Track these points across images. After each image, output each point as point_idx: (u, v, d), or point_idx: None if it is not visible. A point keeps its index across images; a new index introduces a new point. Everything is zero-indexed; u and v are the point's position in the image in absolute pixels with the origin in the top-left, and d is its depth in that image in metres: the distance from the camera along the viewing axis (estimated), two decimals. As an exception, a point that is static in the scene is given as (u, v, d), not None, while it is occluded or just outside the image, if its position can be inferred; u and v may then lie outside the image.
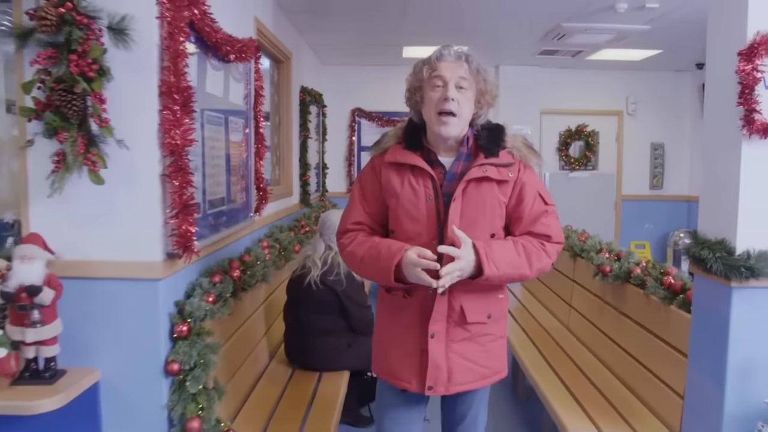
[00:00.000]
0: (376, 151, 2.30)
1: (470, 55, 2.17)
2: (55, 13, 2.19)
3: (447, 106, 2.08)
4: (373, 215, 2.28)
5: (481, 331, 2.20)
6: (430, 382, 2.16)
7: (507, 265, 2.07)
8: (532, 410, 4.28)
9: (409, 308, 2.19)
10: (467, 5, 4.91)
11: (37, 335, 2.28)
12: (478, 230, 2.11)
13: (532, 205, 2.18)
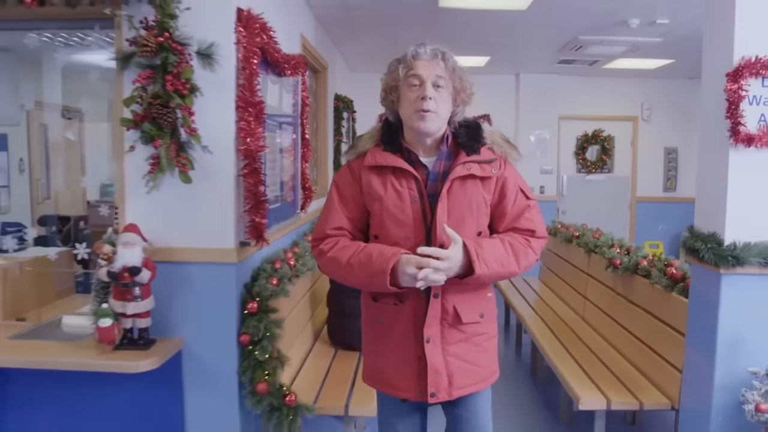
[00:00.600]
0: (352, 155, 2.26)
1: (446, 52, 2.14)
2: (154, 41, 2.66)
3: (425, 105, 2.05)
4: (354, 220, 2.22)
5: (476, 331, 2.19)
6: (432, 389, 2.12)
7: (496, 263, 2.06)
8: (549, 391, 4.69)
9: (400, 315, 2.15)
10: (490, 20, 5.33)
11: (135, 308, 2.74)
12: (465, 229, 2.10)
13: (514, 201, 2.18)
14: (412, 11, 5.08)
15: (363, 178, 2.17)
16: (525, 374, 5.16)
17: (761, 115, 2.74)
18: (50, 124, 6.48)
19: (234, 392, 3.01)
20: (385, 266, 1.98)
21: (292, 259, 3.57)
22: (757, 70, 2.70)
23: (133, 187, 2.92)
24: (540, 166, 8.57)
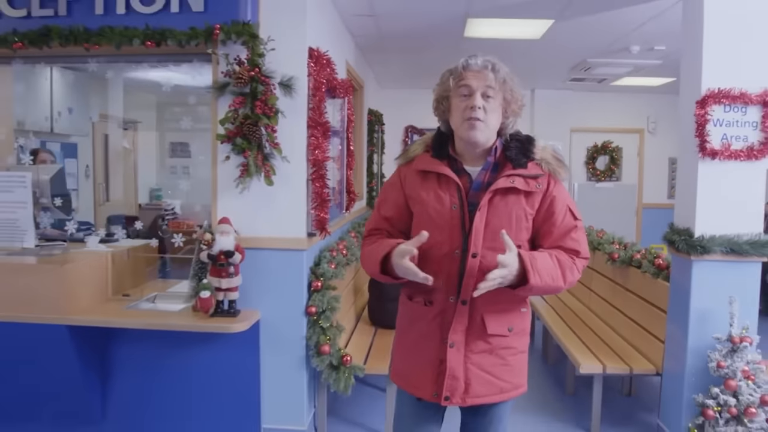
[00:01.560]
0: (403, 160, 2.30)
1: (497, 63, 2.14)
2: (247, 74, 3.43)
3: (474, 114, 2.06)
4: (393, 221, 2.29)
5: (502, 344, 2.18)
6: (447, 392, 2.14)
7: (548, 276, 2.05)
8: (558, 370, 5.39)
9: (428, 316, 2.18)
10: (508, 47, 6.05)
11: (228, 284, 3.51)
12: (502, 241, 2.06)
13: (562, 220, 2.16)
14: (441, 39, 5.82)
15: (408, 181, 2.23)
16: (537, 357, 5.87)
17: (723, 134, 3.47)
18: (111, 134, 7.23)
19: (302, 353, 3.76)
20: (378, 257, 2.14)
21: (343, 249, 4.33)
22: (719, 99, 3.43)
23: (224, 188, 3.69)
24: (552, 175, 9.27)
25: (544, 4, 4.54)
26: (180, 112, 7.56)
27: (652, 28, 5.06)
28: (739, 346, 3.37)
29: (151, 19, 3.56)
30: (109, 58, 3.89)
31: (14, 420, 3.83)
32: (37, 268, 3.53)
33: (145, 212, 6.94)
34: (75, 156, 6.49)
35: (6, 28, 3.69)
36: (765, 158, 3.48)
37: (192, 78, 3.95)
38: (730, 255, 3.49)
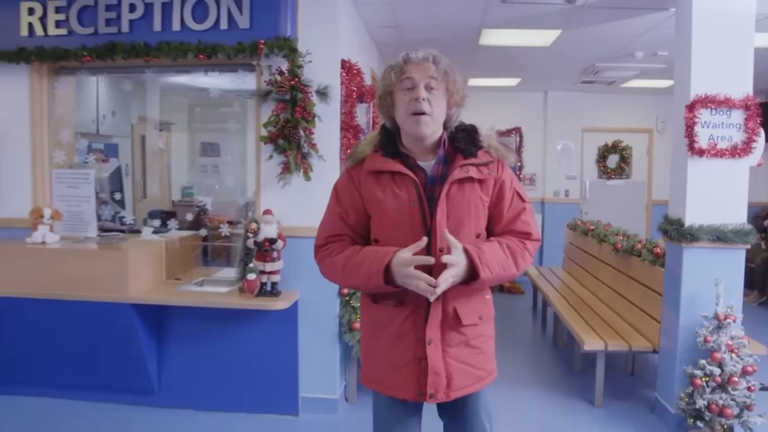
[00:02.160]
0: (352, 162, 2.25)
1: (437, 55, 2.14)
2: (288, 83, 3.91)
3: (419, 106, 2.06)
4: (354, 227, 2.23)
5: (475, 333, 2.21)
6: (431, 390, 2.13)
7: (498, 267, 2.09)
8: (566, 353, 5.83)
9: (400, 317, 2.16)
10: (521, 53, 6.49)
11: (272, 267, 3.99)
12: (464, 232, 2.12)
13: (510, 203, 2.20)
14: (457, 47, 6.26)
15: (362, 184, 2.19)
16: (548, 342, 6.31)
17: (710, 135, 3.90)
18: (148, 135, 7.75)
19: (335, 329, 4.24)
20: (379, 266, 2.02)
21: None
22: (706, 103, 3.86)
23: (267, 183, 4.17)
24: (565, 173, 9.67)
25: (551, 17, 4.97)
26: (210, 114, 8.14)
27: (653, 36, 5.48)
28: (724, 323, 3.80)
29: (203, 35, 4.05)
30: (163, 69, 4.39)
31: (81, 389, 4.36)
32: (104, 254, 4.04)
33: (180, 208, 7.44)
34: (116, 156, 7.00)
35: (75, 43, 4.20)
36: (747, 156, 3.90)
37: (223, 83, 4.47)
38: (716, 242, 3.92)
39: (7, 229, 4.50)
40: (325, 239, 2.27)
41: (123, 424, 4.13)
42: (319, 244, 2.31)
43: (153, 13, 4.12)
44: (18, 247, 4.17)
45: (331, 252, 2.22)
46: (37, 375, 4.36)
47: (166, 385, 4.36)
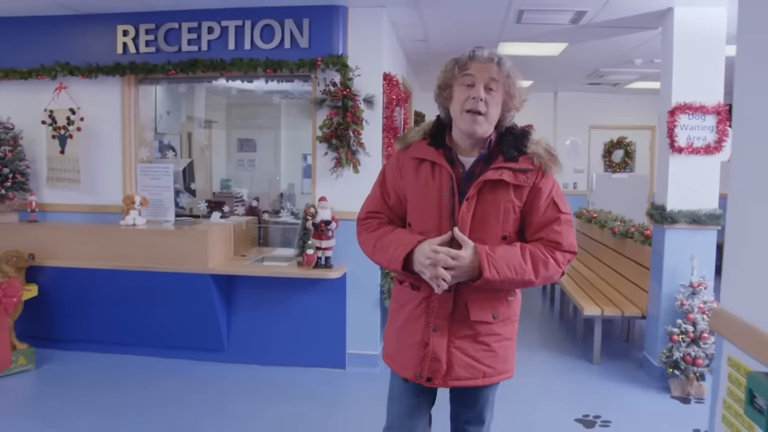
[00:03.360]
0: (401, 146, 2.32)
1: (502, 57, 2.15)
2: (340, 93, 4.77)
3: (475, 105, 2.08)
4: (393, 206, 2.33)
5: (487, 331, 2.22)
6: (428, 374, 2.21)
7: (509, 271, 2.07)
8: (571, 325, 6.68)
9: (415, 300, 2.24)
10: (533, 61, 7.29)
11: (327, 244, 4.86)
12: (488, 231, 2.14)
13: (544, 211, 2.18)
14: (476, 55, 7.10)
15: (404, 167, 2.27)
16: (556, 317, 7.17)
17: (688, 135, 4.73)
18: (194, 133, 8.60)
19: (377, 296, 5.12)
20: (402, 252, 2.12)
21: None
22: (684, 109, 4.69)
23: (322, 175, 5.03)
24: (573, 167, 10.49)
25: (558, 33, 5.80)
26: (246, 112, 9.01)
27: (647, 48, 6.28)
28: (697, 289, 4.64)
29: (269, 53, 4.92)
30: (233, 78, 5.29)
31: (164, 347, 5.25)
32: (188, 234, 4.93)
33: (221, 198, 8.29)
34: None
35: (162, 59, 5.09)
36: (719, 153, 4.73)
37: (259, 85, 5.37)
38: (692, 224, 4.75)
39: (102, 213, 5.41)
40: (366, 214, 2.41)
41: (199, 376, 5.00)
42: (360, 217, 2.43)
43: (228, 34, 5.00)
44: (114, 228, 5.07)
45: (368, 227, 2.36)
46: (128, 335, 5.25)
47: (234, 344, 5.24)
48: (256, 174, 9.22)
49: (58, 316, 5.24)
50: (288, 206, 7.34)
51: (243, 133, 9.39)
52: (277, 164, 9.56)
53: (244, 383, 4.84)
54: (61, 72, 5.25)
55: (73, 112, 5.26)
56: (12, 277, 4.89)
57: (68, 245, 5.09)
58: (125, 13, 5.15)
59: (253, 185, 8.57)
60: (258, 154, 9.48)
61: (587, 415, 4.28)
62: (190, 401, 4.46)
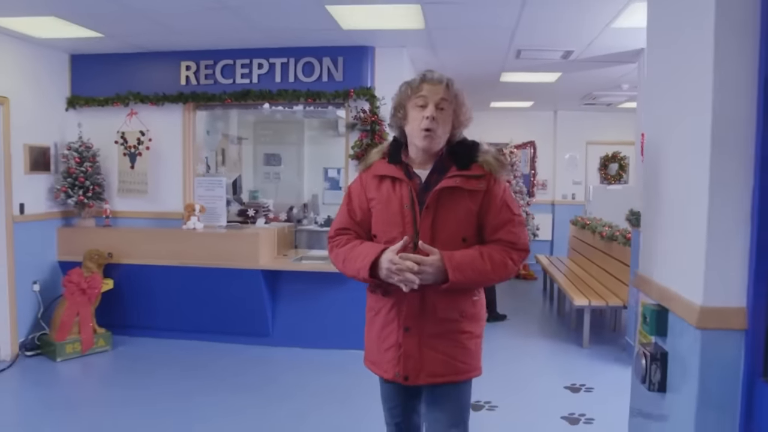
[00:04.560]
0: (363, 167, 2.52)
1: (450, 79, 2.35)
2: (369, 119, 5.77)
3: (429, 124, 2.25)
4: (360, 222, 2.47)
5: (455, 328, 2.37)
6: (406, 372, 2.35)
7: (472, 272, 2.24)
8: (566, 317, 7.62)
9: (387, 306, 2.38)
10: (532, 86, 8.28)
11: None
12: (449, 234, 2.29)
13: (498, 214, 2.35)
14: (483, 82, 8.07)
15: (368, 185, 2.46)
16: (554, 311, 8.11)
17: (658, 153, 5.68)
18: (227, 149, 9.57)
19: (399, 288, 6.06)
20: (367, 262, 2.27)
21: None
22: (655, 132, 5.65)
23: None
24: (572, 179, 11.41)
25: (553, 65, 6.77)
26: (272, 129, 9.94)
27: (631, 76, 7.24)
28: (667, 281, 5.58)
29: (310, 85, 5.93)
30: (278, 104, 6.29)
31: (218, 333, 6.20)
32: (242, 236, 5.91)
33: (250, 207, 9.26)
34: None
35: (218, 90, 6.11)
36: (684, 168, 5.68)
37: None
38: (663, 227, 5.70)
39: (165, 219, 6.40)
40: (336, 231, 2.54)
41: (249, 357, 5.93)
42: (330, 235, 2.56)
43: (275, 69, 6.02)
44: (177, 232, 6.06)
45: (337, 243, 2.50)
46: (189, 323, 6.21)
47: (278, 329, 6.19)
48: (280, 186, 10.17)
49: (130, 306, 6.22)
50: (312, 215, 8.31)
51: (269, 149, 10.35)
52: (300, 177, 10.52)
53: (288, 362, 5.78)
54: (133, 100, 6.27)
55: (143, 134, 6.27)
56: (94, 273, 5.87)
57: (138, 246, 6.08)
58: (188, 51, 6.17)
59: (277, 196, 9.44)
60: (283, 168, 10.43)
61: (574, 384, 5.21)
62: (245, 376, 5.40)
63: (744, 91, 1.92)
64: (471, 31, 5.35)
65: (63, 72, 6.38)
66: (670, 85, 2.45)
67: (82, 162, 6.15)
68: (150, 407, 4.62)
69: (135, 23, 5.19)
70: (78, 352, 5.74)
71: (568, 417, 4.52)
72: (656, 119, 2.62)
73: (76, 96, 6.39)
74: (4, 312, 5.64)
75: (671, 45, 2.43)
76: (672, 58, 2.41)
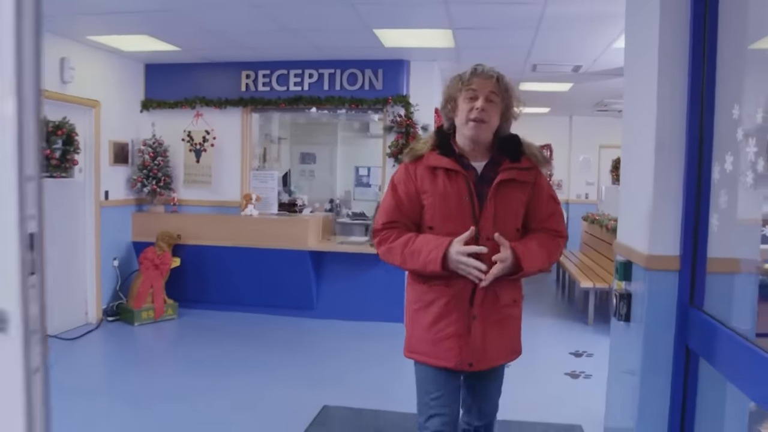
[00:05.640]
0: (410, 158, 2.49)
1: (501, 74, 2.40)
2: (405, 123, 6.71)
3: (477, 114, 2.31)
4: (408, 214, 2.46)
5: (509, 314, 2.49)
6: (472, 360, 2.41)
7: (538, 261, 2.39)
8: (576, 302, 8.50)
9: (446, 296, 2.39)
10: (548, 95, 9.16)
11: (392, 230, 6.76)
12: (507, 225, 2.38)
13: (547, 205, 2.49)
14: (503, 89, 8.99)
15: (419, 177, 2.43)
16: (565, 298, 9.00)
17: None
18: (268, 148, 10.50)
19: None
20: (437, 254, 2.29)
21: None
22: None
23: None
24: (586, 180, 12.27)
25: (565, 76, 7.66)
26: (307, 130, 10.83)
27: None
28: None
29: (353, 93, 6.89)
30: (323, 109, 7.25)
31: (269, 306, 7.17)
32: (293, 221, 6.87)
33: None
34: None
35: (274, 96, 7.08)
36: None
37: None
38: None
39: (224, 207, 7.38)
40: (383, 225, 2.51)
41: (294, 328, 6.86)
42: (377, 228, 2.54)
43: (323, 79, 6.98)
44: (236, 218, 7.04)
45: (388, 237, 2.47)
46: (244, 297, 7.18)
47: (322, 303, 7.14)
48: (314, 182, 11.09)
49: (194, 282, 7.20)
50: (344, 210, 9.26)
51: (305, 148, 11.28)
52: (333, 175, 11.45)
53: (330, 332, 6.73)
54: (199, 104, 7.26)
55: (208, 133, 7.25)
56: (165, 251, 6.86)
57: (202, 229, 7.06)
58: (248, 62, 7.15)
59: (311, 192, 10.32)
60: (317, 166, 11.35)
61: (577, 351, 6.11)
62: (293, 342, 6.35)
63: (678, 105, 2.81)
64: (493, 50, 6.27)
65: (138, 79, 7.40)
66: (634, 100, 3.33)
67: (155, 156, 7.15)
68: (214, 364, 5.56)
69: (209, 39, 6.16)
70: (151, 319, 6.73)
71: (570, 373, 5.44)
72: (628, 126, 3.51)
73: (149, 99, 7.40)
74: (92, 283, 6.66)
75: (635, 68, 3.32)
76: (636, 78, 3.30)
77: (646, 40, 3.02)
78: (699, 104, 2.70)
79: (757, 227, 2.51)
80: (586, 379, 5.32)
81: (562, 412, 4.55)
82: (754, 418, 2.79)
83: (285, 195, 8.07)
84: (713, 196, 2.64)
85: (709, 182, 2.66)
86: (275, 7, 5.03)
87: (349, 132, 11.01)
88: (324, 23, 5.49)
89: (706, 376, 2.73)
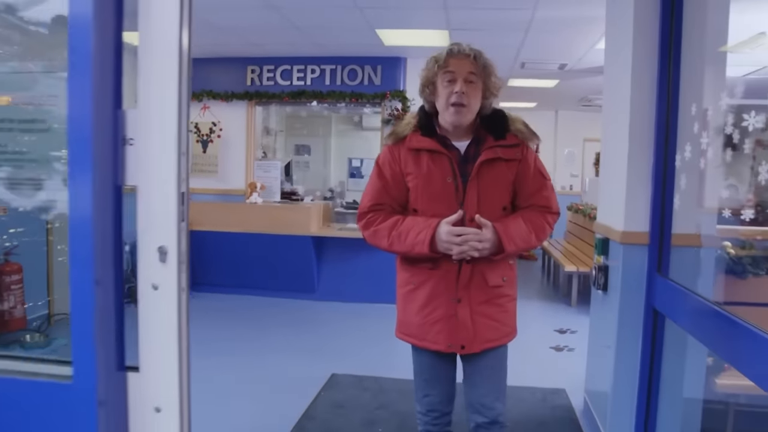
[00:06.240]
0: (393, 140, 2.44)
1: (478, 51, 2.34)
2: (401, 116, 7.15)
3: (457, 99, 2.25)
4: (394, 196, 2.43)
5: (499, 293, 2.43)
6: (462, 342, 2.38)
7: (521, 240, 2.35)
8: (561, 288, 8.99)
9: (434, 278, 2.37)
10: (535, 90, 9.63)
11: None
12: (493, 205, 2.35)
13: (533, 181, 2.44)
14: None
15: (403, 159, 2.40)
16: (550, 284, 9.50)
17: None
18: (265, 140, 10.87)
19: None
20: (425, 236, 2.26)
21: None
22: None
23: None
24: (570, 172, 12.78)
25: (551, 74, 8.15)
26: (302, 122, 11.22)
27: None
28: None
29: (353, 88, 7.33)
30: (324, 103, 7.68)
31: (272, 289, 7.59)
32: (296, 208, 7.31)
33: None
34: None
35: (278, 90, 7.51)
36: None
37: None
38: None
39: (230, 195, 7.80)
40: (369, 207, 2.47)
41: (295, 309, 7.27)
42: (362, 211, 2.50)
43: (325, 74, 7.42)
44: (241, 205, 7.46)
45: (374, 220, 2.45)
46: (249, 280, 7.60)
47: (323, 286, 7.57)
48: (309, 173, 11.51)
49: (201, 265, 7.60)
50: (338, 200, 9.70)
51: (300, 140, 11.69)
52: (327, 166, 11.88)
53: (330, 313, 7.16)
54: (206, 97, 7.67)
55: (215, 125, 7.66)
56: (175, 236, 7.27)
57: (209, 216, 7.45)
58: (253, 57, 7.57)
59: (306, 182, 10.69)
60: (311, 157, 11.77)
61: (562, 328, 6.61)
62: (296, 322, 6.76)
63: (648, 102, 3.28)
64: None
65: (148, 72, 7.77)
66: (612, 97, 3.80)
67: (165, 146, 7.54)
68: (226, 344, 5.91)
69: (218, 35, 6.57)
70: (163, 300, 7.13)
71: (555, 347, 5.94)
72: (606, 120, 3.98)
73: (158, 92, 7.78)
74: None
75: (613, 69, 3.79)
76: (614, 77, 3.77)
77: (622, 45, 3.49)
78: (665, 101, 3.18)
79: (710, 209, 2.97)
80: (570, 352, 5.82)
81: (547, 379, 5.04)
82: (711, 370, 3.29)
83: (287, 184, 8.49)
84: (677, 180, 3.11)
85: (674, 168, 3.13)
86: (291, 10, 5.50)
87: (343, 125, 11.44)
88: (331, 23, 5.92)
89: (670, 334, 3.21)
